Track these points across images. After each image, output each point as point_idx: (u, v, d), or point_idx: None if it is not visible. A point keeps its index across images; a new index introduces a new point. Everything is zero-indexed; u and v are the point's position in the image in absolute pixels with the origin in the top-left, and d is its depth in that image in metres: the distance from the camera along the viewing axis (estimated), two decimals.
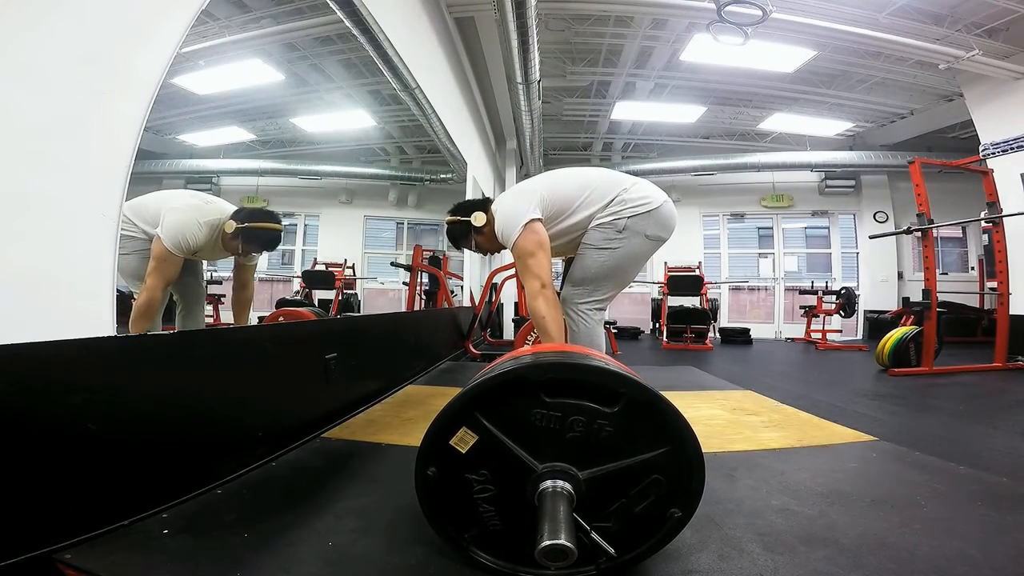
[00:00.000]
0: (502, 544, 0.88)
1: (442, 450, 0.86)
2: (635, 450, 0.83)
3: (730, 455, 1.56)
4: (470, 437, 0.85)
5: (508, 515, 0.87)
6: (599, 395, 0.83)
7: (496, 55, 4.89)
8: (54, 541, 0.89)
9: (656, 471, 0.83)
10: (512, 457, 0.84)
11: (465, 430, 0.85)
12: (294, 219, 9.17)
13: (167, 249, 1.93)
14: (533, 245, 1.76)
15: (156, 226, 1.97)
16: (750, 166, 8.17)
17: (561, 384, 0.83)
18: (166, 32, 1.30)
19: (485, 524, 0.88)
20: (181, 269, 2.20)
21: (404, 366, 2.81)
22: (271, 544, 0.97)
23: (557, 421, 0.83)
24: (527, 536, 0.80)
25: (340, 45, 4.95)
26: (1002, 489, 1.30)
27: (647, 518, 0.85)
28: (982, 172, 4.52)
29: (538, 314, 1.73)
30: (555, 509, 0.76)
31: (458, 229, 2.02)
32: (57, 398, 0.93)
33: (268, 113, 6.88)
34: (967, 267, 8.37)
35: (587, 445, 0.83)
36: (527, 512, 0.82)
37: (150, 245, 1.97)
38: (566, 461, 0.83)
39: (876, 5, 4.61)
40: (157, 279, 1.91)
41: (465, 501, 0.87)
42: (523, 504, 0.83)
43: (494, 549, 0.89)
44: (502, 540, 0.88)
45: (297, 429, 1.64)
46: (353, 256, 8.47)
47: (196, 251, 2.04)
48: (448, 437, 0.85)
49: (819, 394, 3.18)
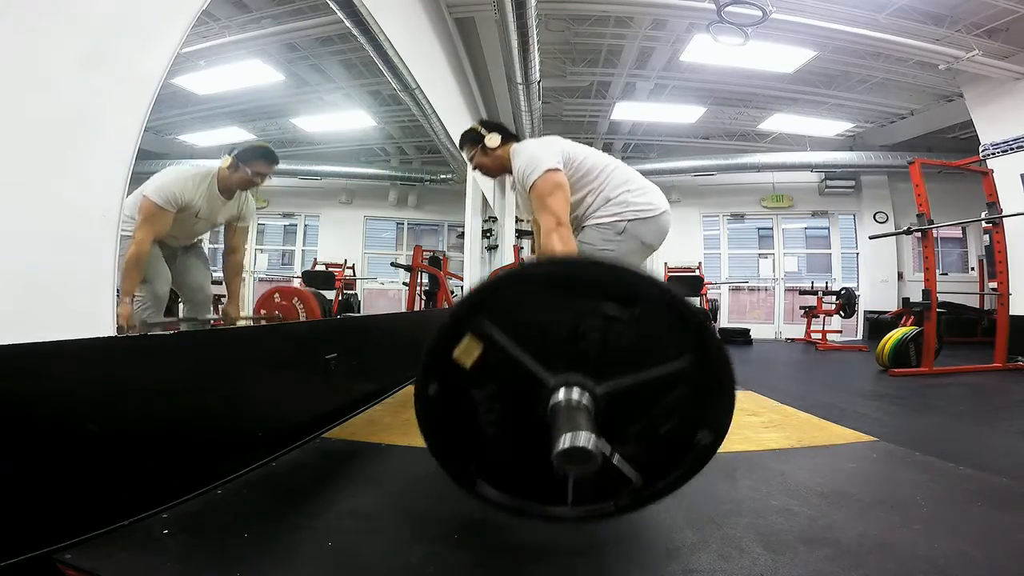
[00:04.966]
0: (511, 477, 0.80)
1: (445, 365, 0.76)
2: (656, 360, 0.73)
3: (730, 455, 1.56)
4: (475, 348, 0.75)
5: (518, 441, 0.77)
6: (615, 296, 0.73)
7: (496, 55, 4.89)
8: (54, 541, 0.89)
9: (680, 385, 0.74)
10: (522, 370, 0.74)
11: (470, 338, 0.75)
12: (294, 219, 9.19)
13: (154, 203, 1.87)
14: (552, 185, 1.74)
15: None
16: (750, 166, 8.16)
17: (573, 283, 0.74)
18: (166, 32, 1.30)
19: (493, 453, 0.79)
20: (184, 269, 2.19)
21: (404, 366, 2.80)
22: (271, 544, 0.97)
23: (570, 327, 0.74)
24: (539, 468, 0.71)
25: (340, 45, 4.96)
26: (1002, 489, 1.30)
27: (672, 443, 0.76)
28: (982, 172, 4.52)
29: (551, 252, 1.69)
30: (572, 417, 0.68)
31: (471, 137, 2.04)
32: (57, 398, 0.93)
33: (268, 113, 6.89)
34: (967, 267, 8.36)
35: (603, 355, 0.73)
36: (538, 438, 0.72)
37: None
38: (581, 373, 0.73)
39: (876, 5, 4.60)
40: (145, 232, 1.85)
41: (470, 425, 0.78)
42: (534, 428, 0.74)
43: (502, 483, 0.80)
44: (511, 473, 0.79)
45: (297, 429, 1.64)
46: (353, 256, 8.49)
47: (186, 205, 1.96)
48: (451, 347, 0.75)
49: (819, 394, 3.18)
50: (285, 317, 3.27)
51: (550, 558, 0.95)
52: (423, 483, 1.36)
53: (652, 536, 1.04)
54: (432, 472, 1.41)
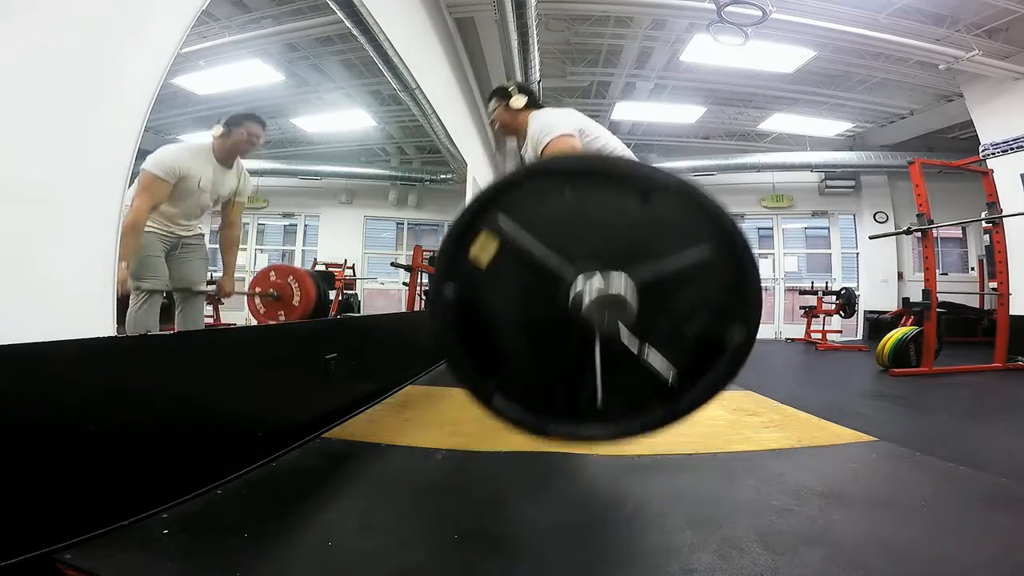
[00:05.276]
0: (531, 393, 0.77)
1: (461, 265, 0.74)
2: (675, 249, 0.71)
3: (731, 455, 1.56)
4: (491, 244, 0.73)
5: (538, 348, 0.75)
6: (630, 189, 0.72)
7: (496, 55, 4.89)
8: (54, 541, 0.89)
9: (704, 278, 0.72)
10: (540, 266, 0.72)
11: (486, 234, 0.73)
12: (294, 219, 9.19)
13: (153, 174, 1.93)
14: (566, 145, 1.77)
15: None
16: (750, 166, 8.16)
17: (588, 177, 0.73)
18: (166, 32, 1.30)
19: (512, 363, 0.77)
20: (181, 264, 2.18)
21: (404, 366, 2.80)
22: (271, 544, 0.97)
23: (586, 221, 0.73)
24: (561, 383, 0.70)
25: (340, 45, 4.95)
26: (1002, 489, 1.30)
27: (702, 343, 0.74)
28: (982, 172, 4.51)
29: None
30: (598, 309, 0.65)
31: (501, 92, 2.06)
32: (57, 398, 0.93)
33: (268, 113, 6.87)
34: (967, 267, 8.35)
35: (622, 249, 0.72)
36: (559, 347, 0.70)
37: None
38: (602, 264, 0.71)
39: (876, 5, 4.61)
40: (144, 200, 1.90)
41: (488, 332, 0.75)
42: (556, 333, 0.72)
43: (522, 398, 0.77)
44: (531, 387, 0.77)
45: (297, 429, 1.63)
46: (353, 256, 8.49)
47: (186, 174, 2.01)
48: (467, 245, 0.73)
49: (819, 394, 3.18)
50: (280, 295, 3.27)
51: (550, 558, 0.95)
52: (422, 483, 1.36)
53: (652, 536, 1.04)
54: (432, 472, 1.42)
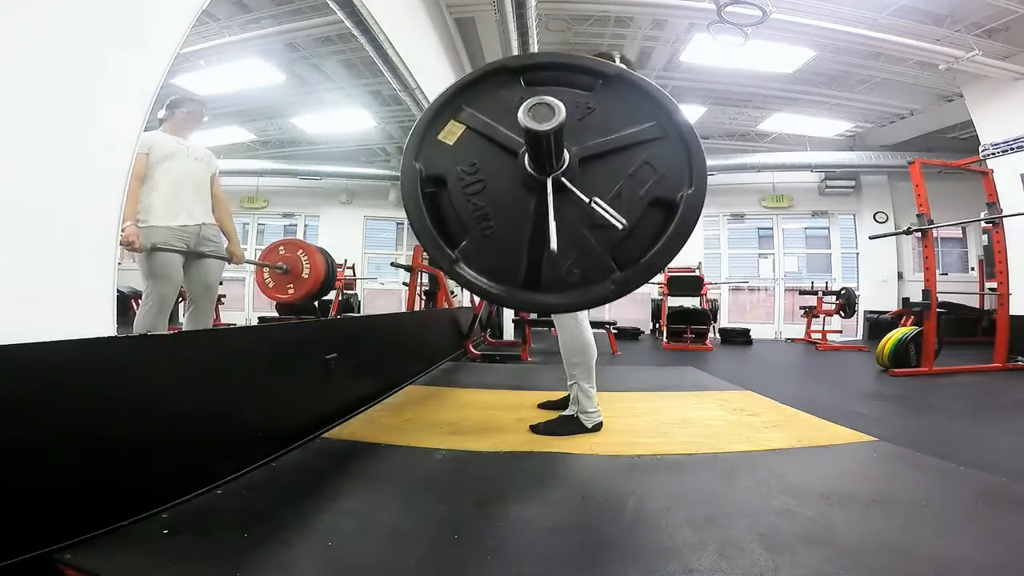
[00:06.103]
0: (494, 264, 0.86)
1: (430, 145, 0.87)
2: (623, 126, 0.84)
3: (731, 455, 1.56)
4: (457, 128, 0.87)
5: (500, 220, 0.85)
6: (579, 81, 0.86)
7: (496, 55, 4.89)
8: (54, 541, 0.89)
9: (649, 146, 0.84)
10: (500, 139, 0.85)
11: (453, 121, 0.87)
12: (294, 219, 9.19)
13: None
14: None
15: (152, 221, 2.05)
16: (750, 166, 8.16)
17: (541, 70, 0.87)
18: (166, 32, 1.30)
19: (477, 232, 0.86)
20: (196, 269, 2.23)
21: (404, 366, 2.80)
22: (271, 544, 0.97)
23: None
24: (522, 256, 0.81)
25: (340, 45, 4.96)
26: (1002, 489, 1.30)
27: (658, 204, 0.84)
28: (982, 172, 4.51)
29: None
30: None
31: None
32: (57, 398, 0.93)
33: (268, 113, 6.88)
34: (967, 267, 8.35)
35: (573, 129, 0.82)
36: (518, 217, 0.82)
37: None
38: None
39: (876, 5, 4.60)
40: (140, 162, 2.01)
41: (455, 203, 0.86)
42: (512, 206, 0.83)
43: (486, 269, 0.87)
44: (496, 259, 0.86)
45: (297, 429, 1.63)
46: (353, 256, 8.49)
47: (152, 143, 2.08)
48: (436, 131, 0.87)
49: (819, 395, 3.18)
50: (290, 268, 3.39)
51: (550, 558, 0.95)
52: (422, 483, 1.36)
53: (652, 536, 1.04)
54: (432, 472, 1.42)
